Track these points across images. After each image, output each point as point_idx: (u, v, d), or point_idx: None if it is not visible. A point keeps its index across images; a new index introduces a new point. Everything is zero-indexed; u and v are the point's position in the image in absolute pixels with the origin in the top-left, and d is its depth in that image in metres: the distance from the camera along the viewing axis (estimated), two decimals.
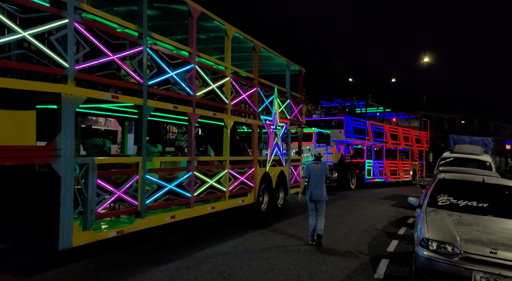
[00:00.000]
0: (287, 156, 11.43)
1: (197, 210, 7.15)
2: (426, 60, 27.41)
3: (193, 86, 6.98)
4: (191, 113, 6.95)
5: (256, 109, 9.46)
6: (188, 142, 7.05)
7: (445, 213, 5.32)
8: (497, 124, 48.87)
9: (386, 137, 21.82)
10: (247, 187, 9.06)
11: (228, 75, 8.18)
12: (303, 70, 12.52)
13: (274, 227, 8.61)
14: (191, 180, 6.94)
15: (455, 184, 6.09)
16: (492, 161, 12.49)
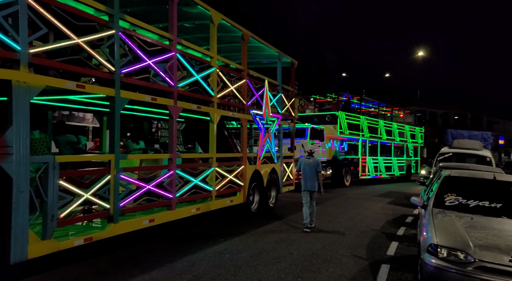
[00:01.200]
0: (279, 152, 10.84)
1: (179, 212, 6.52)
2: (421, 54, 26.96)
3: (174, 76, 6.34)
4: (172, 106, 6.31)
5: (245, 103, 8.84)
6: (169, 138, 6.42)
7: (454, 215, 4.76)
8: (490, 119, 48.72)
9: (380, 133, 21.34)
10: (236, 186, 8.45)
11: (214, 66, 7.55)
12: (296, 62, 11.91)
13: (265, 229, 8.02)
14: (173, 180, 6.31)
15: (463, 182, 5.54)
16: (492, 156, 12.02)
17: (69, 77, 4.69)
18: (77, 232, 4.92)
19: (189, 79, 6.91)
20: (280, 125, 10.91)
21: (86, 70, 4.84)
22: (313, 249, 6.53)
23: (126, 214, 5.50)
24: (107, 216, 5.10)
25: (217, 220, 8.73)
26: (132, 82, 5.48)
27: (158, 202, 6.12)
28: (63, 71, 4.65)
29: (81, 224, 5.33)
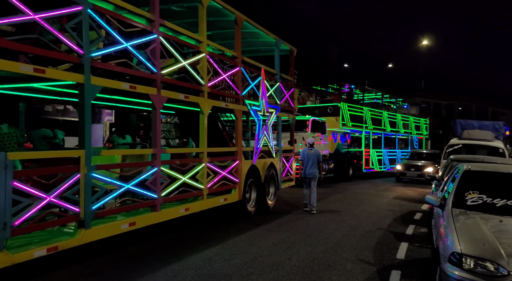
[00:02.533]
0: (277, 146, 10.16)
1: (165, 214, 5.86)
2: (425, 42, 26.11)
3: (157, 62, 5.64)
4: (154, 95, 5.62)
5: (239, 93, 8.14)
6: (152, 131, 5.74)
7: (478, 216, 4.07)
8: (495, 109, 47.82)
9: (384, 125, 20.61)
10: (230, 183, 7.79)
11: (203, 51, 6.85)
12: (295, 50, 11.18)
13: (262, 230, 7.36)
14: (157, 178, 5.64)
15: (485, 177, 4.85)
16: (504, 147, 11.31)
17: (37, 62, 4.02)
18: (42, 240, 4.26)
19: (175, 65, 6.22)
20: (279, 117, 10.21)
21: (48, 52, 4.15)
22: (315, 253, 5.87)
23: (102, 218, 4.84)
24: (77, 220, 4.44)
25: (209, 220, 8.08)
26: (105, 67, 4.79)
27: (140, 203, 5.46)
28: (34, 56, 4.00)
29: (51, 229, 4.67)
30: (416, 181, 16.67)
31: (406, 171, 16.71)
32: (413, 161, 17.58)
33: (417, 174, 16.36)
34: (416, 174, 16.38)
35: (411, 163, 17.18)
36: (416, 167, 16.61)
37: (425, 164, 16.68)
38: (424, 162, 16.99)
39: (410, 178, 16.62)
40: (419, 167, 16.63)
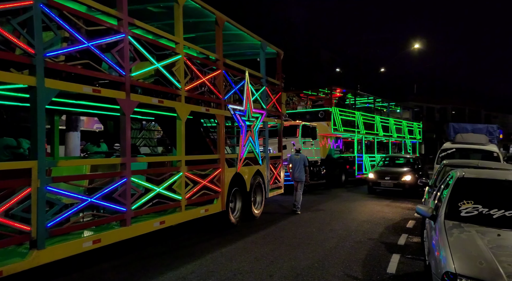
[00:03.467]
0: (264, 152, 9.74)
1: (137, 229, 5.39)
2: (417, 46, 25.93)
3: (126, 63, 5.21)
4: (123, 99, 5.18)
5: (221, 97, 7.72)
6: (121, 139, 5.29)
7: (474, 230, 3.66)
8: (488, 113, 47.80)
9: (377, 129, 20.26)
10: (212, 192, 7.34)
11: (180, 53, 6.43)
12: (281, 52, 10.80)
13: (245, 242, 6.90)
14: (127, 189, 5.18)
15: (481, 185, 4.44)
16: (499, 151, 10.97)
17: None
18: None
19: (147, 67, 5.79)
20: (265, 122, 9.80)
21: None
22: (299, 268, 5.43)
23: (60, 236, 4.37)
24: (28, 240, 3.96)
25: (190, 232, 7.59)
26: (62, 69, 4.35)
27: (106, 218, 4.99)
28: None
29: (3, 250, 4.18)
30: (392, 193, 13.86)
31: (380, 179, 13.98)
32: (388, 167, 15.07)
33: (394, 183, 13.56)
34: (392, 184, 13.58)
35: (386, 170, 14.59)
36: (392, 175, 13.85)
37: (403, 172, 14.02)
38: (402, 169, 14.36)
39: (385, 188, 13.89)
40: (396, 175, 13.85)
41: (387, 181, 13.77)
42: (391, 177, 13.80)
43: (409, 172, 13.82)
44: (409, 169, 14.29)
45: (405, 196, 13.17)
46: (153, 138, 9.67)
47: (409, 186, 13.31)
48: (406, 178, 13.57)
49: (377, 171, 14.73)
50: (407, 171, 13.94)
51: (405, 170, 14.12)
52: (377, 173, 14.40)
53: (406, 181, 13.48)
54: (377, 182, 14.04)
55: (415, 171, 14.23)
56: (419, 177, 13.48)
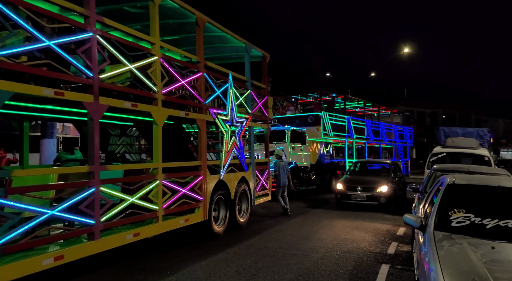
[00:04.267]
0: (250, 158, 9.40)
1: (106, 242, 5.00)
2: (406, 50, 25.92)
3: (94, 64, 4.86)
4: (90, 103, 4.82)
5: (202, 101, 7.39)
6: (89, 145, 4.92)
7: (466, 242, 3.35)
8: (478, 117, 48.04)
9: (368, 134, 20.07)
10: (193, 201, 6.97)
11: (156, 54, 6.09)
12: (268, 55, 10.51)
13: (227, 253, 6.53)
14: (95, 200, 4.81)
15: (472, 192, 4.14)
16: (490, 155, 10.77)
17: None
18: None
19: (118, 69, 5.45)
20: (251, 127, 9.48)
21: None
22: None
23: (14, 254, 3.97)
24: None
25: (170, 244, 7.19)
26: (14, 68, 3.98)
27: (71, 232, 4.61)
28: None
29: None
30: (365, 208, 11.54)
31: (350, 191, 11.39)
32: (360, 176, 12.62)
33: (367, 196, 11.10)
34: (365, 197, 11.11)
35: (358, 179, 12.04)
36: (365, 186, 11.32)
37: (378, 181, 11.45)
38: (377, 178, 11.89)
39: (356, 202, 11.32)
40: (369, 185, 11.33)
41: (358, 193, 11.25)
42: (363, 188, 11.27)
43: (385, 182, 11.34)
44: (385, 177, 11.99)
45: (384, 210, 11.15)
46: (134, 144, 9.28)
47: (385, 199, 10.98)
48: (382, 189, 11.07)
49: (347, 180, 12.06)
50: (382, 180, 11.47)
51: (380, 179, 11.63)
52: (346, 183, 11.71)
53: (382, 193, 11.03)
54: (346, 194, 11.44)
55: (393, 179, 11.86)
56: (398, 187, 11.94)
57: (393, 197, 11.27)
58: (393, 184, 11.50)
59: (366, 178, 12.17)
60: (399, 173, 13.35)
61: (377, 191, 11.11)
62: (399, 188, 12.32)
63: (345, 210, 11.34)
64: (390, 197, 11.09)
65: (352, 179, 12.13)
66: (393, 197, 11.23)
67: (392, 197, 11.20)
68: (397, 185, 11.90)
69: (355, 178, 12.20)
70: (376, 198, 11.06)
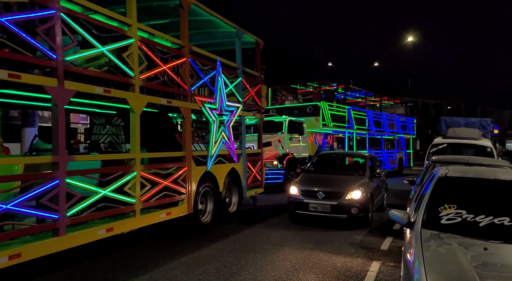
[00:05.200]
0: (240, 149, 9.03)
1: (74, 238, 4.67)
2: (410, 39, 25.24)
3: (58, 45, 4.48)
4: (54, 88, 4.45)
5: (186, 88, 7.00)
6: (53, 134, 4.57)
7: (455, 242, 2.97)
8: (484, 108, 47.24)
9: (369, 125, 19.59)
10: (176, 193, 6.63)
11: (132, 36, 5.69)
12: (261, 42, 10.07)
13: (211, 249, 6.20)
14: (60, 193, 4.47)
15: (466, 186, 3.75)
16: (493, 146, 10.32)
17: None
18: None
19: (88, 51, 5.07)
20: (242, 116, 9.09)
21: None
22: None
23: None
24: None
25: (152, 239, 6.84)
26: None
27: (30, 228, 4.27)
28: None
29: None
30: (330, 222, 8.05)
31: (308, 198, 7.93)
32: (323, 175, 8.96)
33: (332, 205, 7.66)
34: (330, 206, 7.67)
35: (320, 179, 8.59)
36: (330, 190, 7.89)
37: (348, 182, 8.07)
38: (346, 179, 8.32)
39: (317, 214, 7.83)
40: (336, 189, 7.92)
41: (319, 201, 7.73)
42: (326, 193, 7.77)
43: (358, 183, 7.96)
44: (359, 176, 8.49)
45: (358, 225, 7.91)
46: (120, 134, 8.92)
47: (359, 210, 7.58)
48: (354, 194, 7.68)
49: (304, 180, 8.47)
50: (355, 182, 8.05)
51: (352, 180, 8.21)
52: (302, 186, 8.14)
53: (354, 201, 7.62)
54: (302, 203, 7.87)
55: (370, 179, 8.47)
56: (377, 190, 8.79)
57: (370, 205, 7.99)
58: (369, 186, 8.15)
59: (332, 178, 8.58)
60: (380, 169, 9.94)
61: (347, 198, 7.63)
62: (379, 192, 9.12)
63: (300, 226, 7.92)
64: (365, 206, 7.69)
65: (311, 179, 8.56)
66: (369, 205, 7.90)
67: (368, 206, 7.85)
68: (376, 187, 8.64)
69: (316, 178, 8.61)
70: (345, 209, 7.61)
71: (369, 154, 10.26)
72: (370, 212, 8.06)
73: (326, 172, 9.24)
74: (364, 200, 7.78)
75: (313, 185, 8.14)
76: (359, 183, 8.04)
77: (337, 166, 10.13)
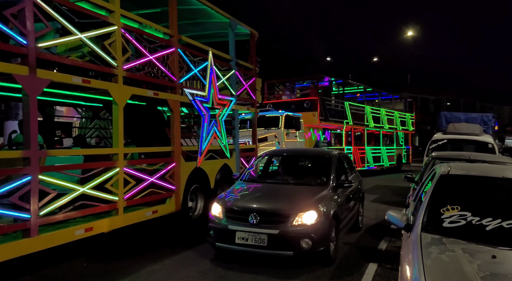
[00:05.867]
0: (234, 144, 8.71)
1: (47, 239, 4.35)
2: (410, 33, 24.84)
3: (28, 30, 4.14)
4: (24, 77, 4.12)
5: (175, 79, 6.67)
6: (24, 127, 4.24)
7: (459, 248, 2.65)
8: (483, 104, 46.85)
9: (367, 120, 19.27)
10: (163, 190, 6.32)
11: (115, 23, 5.35)
12: (256, 33, 9.72)
13: (197, 250, 5.86)
14: (32, 190, 4.14)
15: (470, 184, 3.43)
16: (494, 142, 10.01)
17: None
18: None
19: (64, 38, 4.72)
20: (235, 110, 8.76)
21: None
22: None
23: None
24: None
25: (134, 239, 6.47)
26: None
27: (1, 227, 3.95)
28: None
29: None
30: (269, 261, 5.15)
31: (235, 224, 4.99)
32: (265, 184, 6.10)
33: (270, 235, 4.76)
34: (266, 237, 4.76)
35: (256, 191, 5.78)
36: (266, 209, 5.01)
37: (299, 197, 5.26)
38: (297, 190, 5.61)
39: (247, 248, 4.87)
40: (278, 208, 5.01)
41: (251, 229, 4.89)
42: (262, 215, 4.95)
43: (314, 201, 5.14)
44: (316, 190, 5.53)
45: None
46: (108, 128, 8.59)
47: (313, 243, 4.76)
48: (306, 218, 4.89)
49: (234, 194, 5.64)
50: (308, 198, 5.21)
51: (304, 195, 5.37)
52: (229, 203, 5.29)
53: (304, 229, 4.82)
54: (226, 230, 5.03)
55: (334, 191, 5.63)
56: (346, 207, 5.93)
57: (333, 233, 5.17)
58: (333, 202, 5.35)
59: (277, 190, 5.75)
60: (353, 173, 7.19)
61: (294, 223, 4.82)
62: (350, 208, 6.23)
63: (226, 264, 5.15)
64: (323, 235, 4.88)
65: (246, 191, 5.71)
66: (330, 233, 5.08)
67: (329, 235, 5.02)
68: (344, 202, 5.82)
69: (253, 190, 5.76)
70: (290, 242, 4.79)
71: (337, 152, 6.76)
72: (332, 243, 5.09)
73: (273, 181, 6.23)
74: (322, 226, 4.81)
75: (245, 202, 5.19)
76: (315, 199, 5.09)
77: (290, 171, 6.61)
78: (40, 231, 4.27)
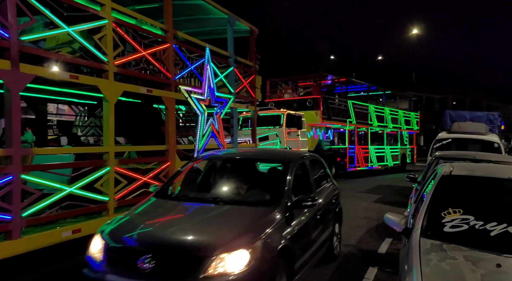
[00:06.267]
0: (232, 143, 8.53)
1: (31, 242, 4.18)
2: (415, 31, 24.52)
3: (12, 23, 3.97)
4: (6, 71, 3.95)
5: (170, 76, 6.49)
6: (6, 125, 4.08)
7: (461, 255, 2.44)
8: (489, 103, 46.28)
9: (371, 119, 18.99)
10: None
11: (106, 17, 5.17)
12: (256, 30, 9.52)
13: None
14: (14, 190, 3.97)
15: (474, 186, 3.20)
16: (500, 141, 9.73)
17: None
18: None
19: (50, 31, 4.56)
20: (234, 108, 8.57)
21: None
22: None
23: None
24: None
25: None
26: None
27: None
28: None
29: None
30: None
31: (115, 271, 3.03)
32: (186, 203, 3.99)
33: None
34: None
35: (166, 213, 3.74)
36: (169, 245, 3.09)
37: (224, 225, 3.36)
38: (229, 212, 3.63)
39: None
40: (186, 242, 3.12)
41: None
42: (159, 258, 2.97)
43: (246, 233, 3.18)
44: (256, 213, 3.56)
45: None
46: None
47: None
48: (231, 263, 2.93)
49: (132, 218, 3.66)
50: (238, 226, 3.31)
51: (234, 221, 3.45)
52: (115, 239, 3.23)
53: None
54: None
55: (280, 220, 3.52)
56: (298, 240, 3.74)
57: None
58: (281, 232, 3.47)
59: (197, 212, 3.77)
60: (326, 183, 5.43)
61: (209, 272, 2.91)
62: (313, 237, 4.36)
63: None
64: None
65: (145, 217, 3.75)
66: None
67: None
68: (303, 229, 3.93)
69: (157, 214, 3.81)
70: None
71: (303, 156, 4.87)
72: None
73: (197, 197, 4.22)
74: (259, 273, 3.02)
75: (137, 233, 3.30)
76: (251, 228, 3.32)
77: (228, 182, 4.60)
78: (24, 233, 4.11)
